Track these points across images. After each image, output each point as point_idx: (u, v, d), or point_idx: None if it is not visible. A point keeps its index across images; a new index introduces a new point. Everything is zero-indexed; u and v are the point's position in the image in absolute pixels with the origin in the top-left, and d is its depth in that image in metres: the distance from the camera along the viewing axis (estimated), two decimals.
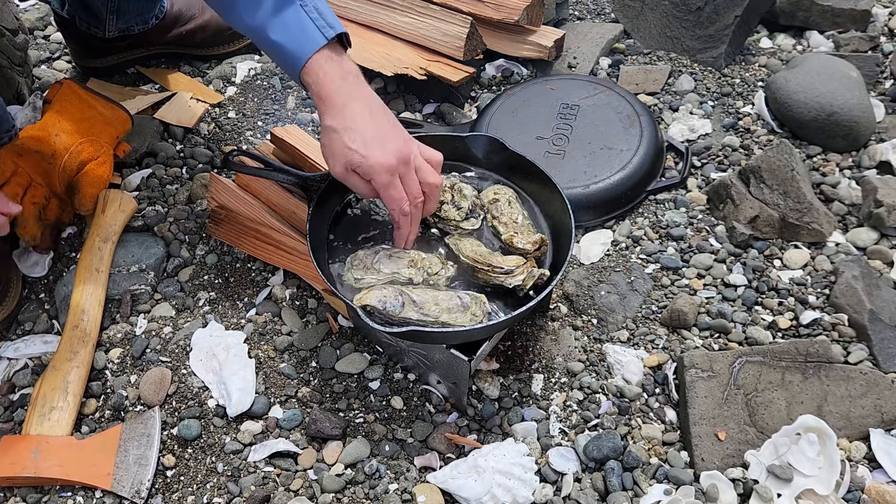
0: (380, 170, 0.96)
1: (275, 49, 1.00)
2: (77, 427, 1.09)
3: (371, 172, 0.96)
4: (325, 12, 0.99)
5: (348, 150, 0.96)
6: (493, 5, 1.57)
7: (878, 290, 1.17)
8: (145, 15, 1.55)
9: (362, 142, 0.96)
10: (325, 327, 1.19)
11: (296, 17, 0.98)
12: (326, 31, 0.98)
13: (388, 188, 0.97)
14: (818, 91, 1.40)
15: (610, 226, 1.34)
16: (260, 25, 1.00)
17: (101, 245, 1.25)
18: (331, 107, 0.98)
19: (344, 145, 0.97)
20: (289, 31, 0.98)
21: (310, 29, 0.98)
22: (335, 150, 0.98)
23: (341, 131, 0.97)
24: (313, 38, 0.97)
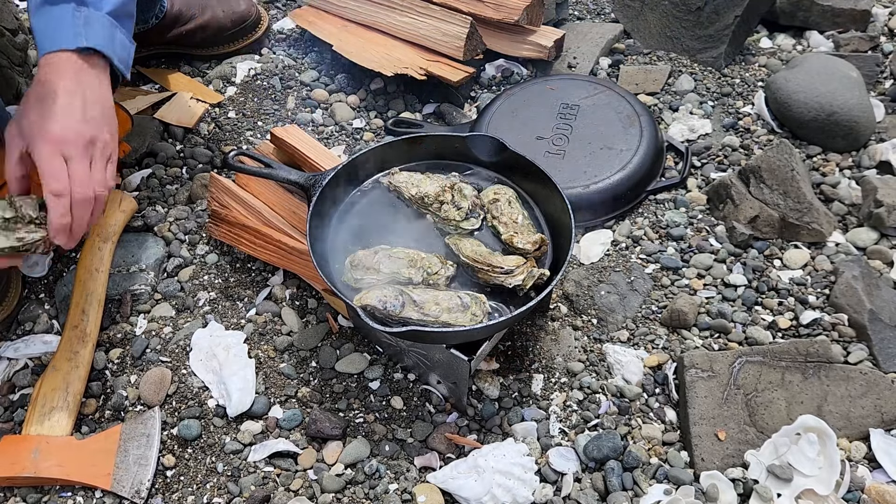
0: (44, 140, 0.93)
1: (33, 29, 1.01)
2: (77, 427, 1.09)
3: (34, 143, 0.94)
4: (96, 27, 0.99)
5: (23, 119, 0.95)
6: (493, 5, 1.57)
7: (878, 290, 1.17)
8: (145, 14, 1.55)
9: (47, 113, 0.94)
10: (325, 327, 1.19)
11: (61, 13, 0.98)
12: (79, 41, 0.98)
13: (43, 162, 0.94)
14: (818, 91, 1.40)
15: (610, 226, 1.34)
16: (33, 5, 1.00)
17: (101, 245, 1.25)
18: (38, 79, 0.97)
19: (22, 114, 0.95)
20: (48, 22, 0.98)
21: (65, 30, 0.98)
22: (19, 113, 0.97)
23: (33, 100, 0.95)
24: (60, 39, 0.97)
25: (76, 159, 0.96)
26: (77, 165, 0.96)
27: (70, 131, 0.95)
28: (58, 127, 0.94)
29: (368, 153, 1.17)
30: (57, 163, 0.94)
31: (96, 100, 0.99)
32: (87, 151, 0.97)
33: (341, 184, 1.14)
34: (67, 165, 0.95)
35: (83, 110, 0.97)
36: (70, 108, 0.96)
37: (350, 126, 1.52)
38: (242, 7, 1.64)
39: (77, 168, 0.96)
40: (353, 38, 1.61)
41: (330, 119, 1.54)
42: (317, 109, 1.56)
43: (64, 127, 0.94)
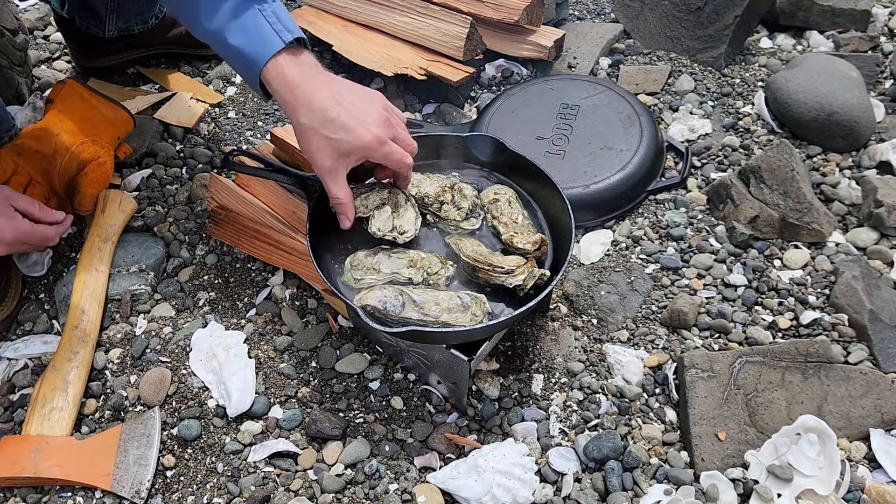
0: (374, 145, 0.97)
1: (234, 53, 1.00)
2: (77, 427, 1.09)
3: (366, 152, 0.97)
4: (283, 17, 0.99)
5: (332, 140, 0.96)
6: (493, 5, 1.57)
7: (878, 290, 1.17)
8: (145, 14, 1.55)
9: (343, 129, 0.96)
10: (325, 327, 1.19)
11: (254, 21, 0.98)
12: (284, 35, 0.98)
13: (390, 155, 0.99)
14: (818, 91, 1.40)
15: (610, 226, 1.34)
16: (218, 29, 0.99)
17: (101, 245, 1.25)
18: (296, 103, 0.97)
19: (326, 138, 0.96)
20: (248, 35, 0.98)
21: (267, 33, 0.97)
22: (319, 146, 0.98)
23: (318, 126, 0.96)
24: (271, 42, 0.97)
25: (394, 133, 1.00)
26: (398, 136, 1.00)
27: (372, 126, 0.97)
28: (367, 132, 0.96)
29: None
30: (395, 149, 0.99)
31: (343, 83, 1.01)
32: (391, 117, 1.00)
33: None
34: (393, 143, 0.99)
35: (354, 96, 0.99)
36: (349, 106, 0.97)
37: None
38: None
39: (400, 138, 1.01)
40: (353, 38, 1.61)
41: None
42: None
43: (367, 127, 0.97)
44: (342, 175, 1.00)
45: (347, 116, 0.96)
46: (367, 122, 0.96)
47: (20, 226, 1.09)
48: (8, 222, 1.07)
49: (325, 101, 0.96)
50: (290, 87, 0.97)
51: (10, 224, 1.08)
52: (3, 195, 1.09)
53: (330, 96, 0.97)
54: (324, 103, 0.96)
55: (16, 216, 1.09)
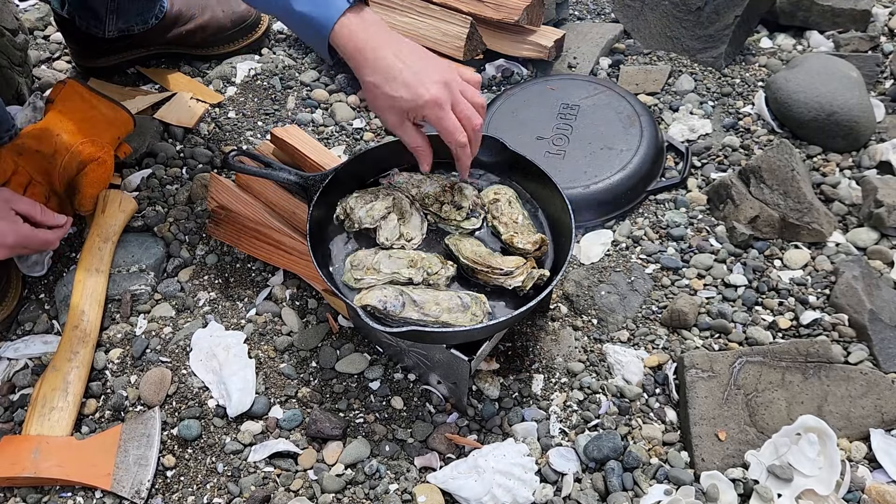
0: (430, 105, 0.97)
1: (301, 20, 1.02)
2: (77, 427, 1.09)
3: (423, 110, 0.98)
4: None
5: (394, 98, 0.99)
6: (493, 5, 1.57)
7: (879, 291, 1.17)
8: (145, 15, 1.55)
9: (404, 85, 0.98)
10: (325, 327, 1.19)
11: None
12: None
13: (443, 121, 0.99)
14: (818, 91, 1.40)
15: (610, 226, 1.34)
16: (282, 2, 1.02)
17: (101, 245, 1.25)
18: (363, 62, 0.99)
19: (388, 96, 0.99)
20: (313, 1, 1.00)
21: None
22: (383, 104, 1.01)
23: (381, 83, 0.99)
24: (335, 4, 0.99)
25: (455, 99, 1.00)
26: (459, 105, 1.00)
27: (431, 85, 0.97)
28: (425, 91, 0.97)
29: (369, 153, 1.17)
30: (450, 117, 0.99)
31: (408, 42, 1.02)
32: (454, 82, 1.00)
33: (341, 184, 1.14)
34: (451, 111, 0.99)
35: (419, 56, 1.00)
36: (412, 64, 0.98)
37: (350, 126, 1.52)
38: (242, 7, 1.64)
39: (461, 107, 1.00)
40: None
41: (330, 119, 1.54)
42: (317, 109, 1.56)
43: (426, 86, 0.97)
44: (410, 127, 1.03)
45: (408, 73, 0.98)
46: (426, 81, 0.98)
47: (21, 229, 1.09)
48: (9, 226, 1.07)
49: (389, 58, 0.98)
50: (357, 46, 0.99)
51: (10, 228, 1.07)
52: (4, 198, 1.09)
53: (394, 55, 0.99)
54: (388, 61, 0.98)
55: (16, 220, 1.09)
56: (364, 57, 0.99)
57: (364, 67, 1.00)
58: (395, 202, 1.10)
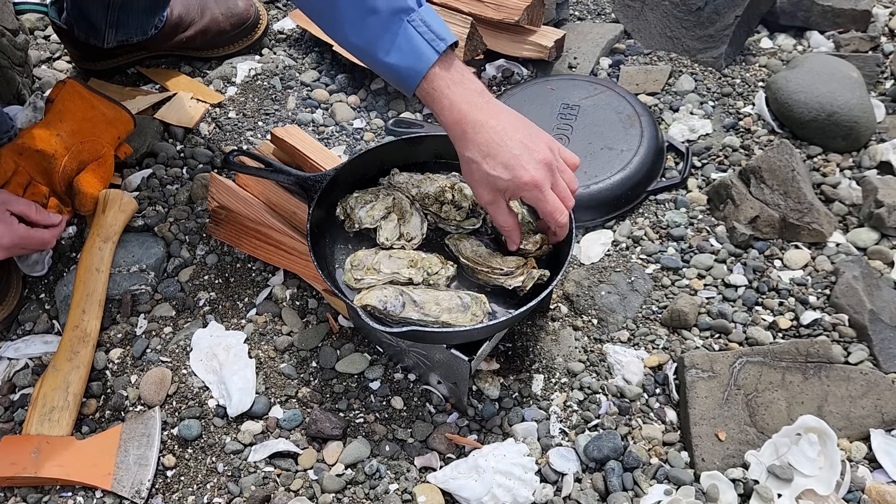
0: (530, 187, 0.94)
1: (386, 69, 0.97)
2: (77, 427, 1.09)
3: (521, 192, 0.95)
4: (433, 22, 0.95)
5: (492, 177, 0.94)
6: (493, 5, 1.57)
7: (879, 291, 1.17)
8: (145, 26, 1.54)
9: (504, 166, 0.93)
10: (325, 327, 1.19)
11: (405, 36, 0.94)
12: (437, 45, 0.94)
13: (542, 202, 0.95)
14: (818, 91, 1.40)
15: (610, 226, 1.34)
16: (367, 45, 0.97)
17: (102, 245, 1.25)
18: (462, 136, 0.95)
19: (486, 174, 0.94)
20: (400, 51, 0.94)
21: (420, 46, 0.94)
22: (479, 179, 0.96)
23: (480, 160, 0.94)
24: (425, 56, 0.94)
25: (554, 179, 0.97)
26: (557, 185, 0.97)
27: (531, 167, 0.93)
28: (525, 173, 0.93)
29: (369, 153, 1.17)
30: (551, 198, 0.96)
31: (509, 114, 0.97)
32: (554, 162, 0.96)
33: (341, 184, 1.14)
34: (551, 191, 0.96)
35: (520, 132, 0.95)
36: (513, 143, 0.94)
37: (350, 126, 1.52)
38: (241, 7, 1.63)
39: (559, 187, 0.97)
40: None
41: (330, 119, 1.54)
42: (317, 109, 1.56)
43: (526, 167, 0.93)
44: (503, 205, 0.98)
45: (509, 153, 0.93)
46: (527, 162, 0.93)
47: (17, 230, 1.09)
48: (5, 227, 1.08)
49: (489, 134, 0.94)
50: (454, 116, 0.94)
51: (6, 229, 1.08)
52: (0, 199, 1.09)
53: (495, 130, 0.94)
54: (488, 137, 0.94)
55: (12, 221, 1.09)
56: (463, 131, 0.94)
57: (462, 141, 0.95)
58: (396, 202, 1.10)
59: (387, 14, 0.94)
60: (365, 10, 0.94)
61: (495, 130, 0.94)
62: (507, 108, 0.98)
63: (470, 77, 0.98)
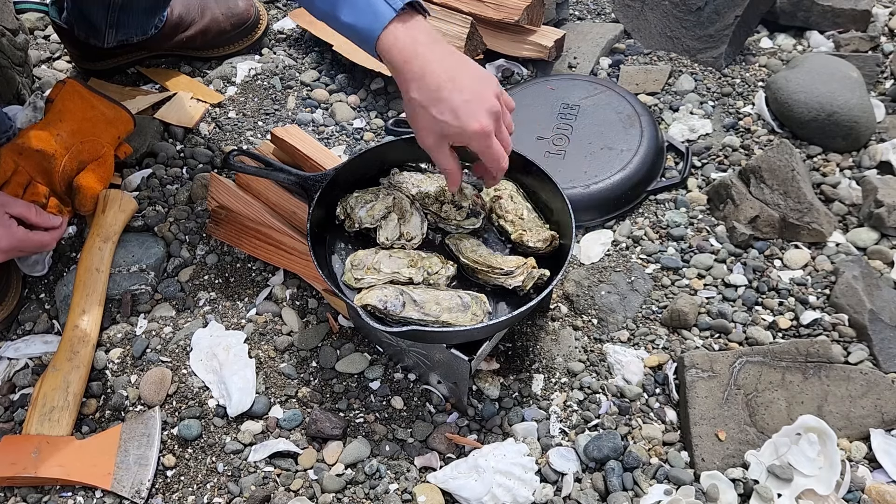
0: (478, 136, 0.94)
1: (348, 30, 0.99)
2: (77, 427, 1.09)
3: (468, 140, 0.95)
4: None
5: (439, 121, 0.94)
6: (493, 5, 1.57)
7: (879, 291, 1.17)
8: (145, 26, 1.54)
9: (452, 112, 0.93)
10: (325, 327, 1.19)
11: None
12: (394, 3, 0.95)
13: (487, 149, 0.96)
14: (818, 91, 1.40)
15: (610, 226, 1.34)
16: (330, 9, 0.99)
17: (102, 245, 1.25)
18: (410, 78, 0.95)
19: (433, 118, 0.94)
20: (357, 9, 0.96)
21: (377, 3, 0.95)
22: (425, 124, 0.96)
23: (427, 104, 0.94)
24: (382, 14, 0.95)
25: (498, 127, 0.97)
26: (500, 132, 0.97)
27: (481, 115, 0.93)
28: (474, 121, 0.93)
29: (369, 153, 1.17)
30: (496, 145, 0.96)
31: (459, 59, 0.98)
32: (497, 115, 0.96)
33: (341, 184, 1.14)
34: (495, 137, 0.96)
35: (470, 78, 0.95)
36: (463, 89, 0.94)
37: (350, 126, 1.52)
38: (241, 7, 1.63)
39: (502, 134, 0.98)
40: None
41: (330, 119, 1.54)
42: (317, 109, 1.56)
43: (475, 116, 0.93)
44: (446, 149, 0.99)
45: (458, 99, 0.93)
46: (477, 110, 0.93)
47: (16, 233, 1.09)
48: (3, 230, 1.07)
49: (438, 77, 0.94)
50: (404, 58, 0.95)
51: (5, 232, 1.07)
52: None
53: (444, 73, 0.94)
54: (437, 81, 0.94)
55: (11, 223, 1.09)
56: (411, 70, 0.94)
57: (410, 82, 0.95)
58: (396, 202, 1.10)
59: None
60: None
61: (446, 73, 0.94)
62: (456, 51, 0.99)
63: (429, 29, 0.98)
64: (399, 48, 0.95)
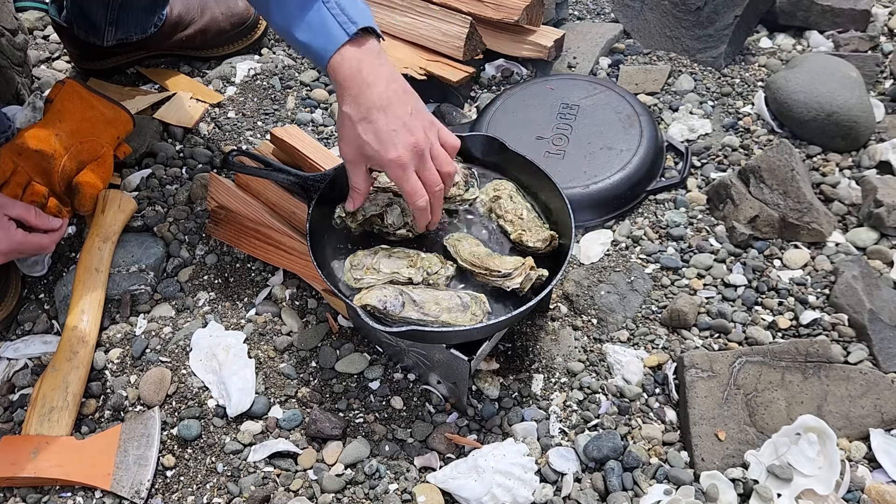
0: (393, 165, 0.95)
1: (302, 48, 1.01)
2: (77, 427, 1.09)
3: (384, 166, 0.97)
4: (348, 6, 0.98)
5: (361, 140, 0.96)
6: (492, 5, 1.57)
7: (878, 290, 1.17)
8: (144, 25, 1.54)
9: (375, 135, 0.95)
10: (325, 327, 1.19)
11: (318, 15, 0.98)
12: (348, 28, 0.97)
13: (403, 182, 0.97)
14: (818, 91, 1.40)
15: (610, 226, 1.34)
16: (286, 25, 1.01)
17: (101, 245, 1.25)
18: (347, 93, 0.97)
19: (357, 135, 0.96)
20: (312, 30, 0.98)
21: (331, 26, 0.97)
22: (348, 137, 0.98)
23: (356, 121, 0.96)
24: (335, 36, 0.97)
25: (421, 164, 0.97)
26: (425, 170, 0.98)
27: (401, 146, 0.95)
28: (392, 150, 0.95)
29: None
30: (412, 180, 0.97)
31: (399, 89, 0.99)
32: (426, 148, 0.97)
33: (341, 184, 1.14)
34: (417, 174, 0.97)
35: (402, 110, 0.97)
36: (391, 117, 0.96)
37: None
38: (241, 6, 1.63)
39: (426, 172, 0.98)
40: None
41: (330, 119, 1.54)
42: (317, 109, 1.56)
43: (395, 144, 0.95)
44: (362, 168, 1.01)
45: (384, 125, 0.95)
46: (398, 140, 0.95)
47: (14, 236, 1.08)
48: (2, 233, 1.07)
49: (372, 99, 0.96)
50: (346, 75, 0.96)
51: (4, 234, 1.07)
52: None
53: (379, 98, 0.96)
54: (370, 102, 0.96)
55: (10, 226, 1.08)
56: (350, 87, 0.96)
57: (346, 97, 0.97)
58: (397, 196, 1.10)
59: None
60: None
61: (381, 98, 0.96)
62: (401, 78, 1.00)
63: (379, 52, 1.00)
64: (345, 67, 0.97)
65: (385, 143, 0.95)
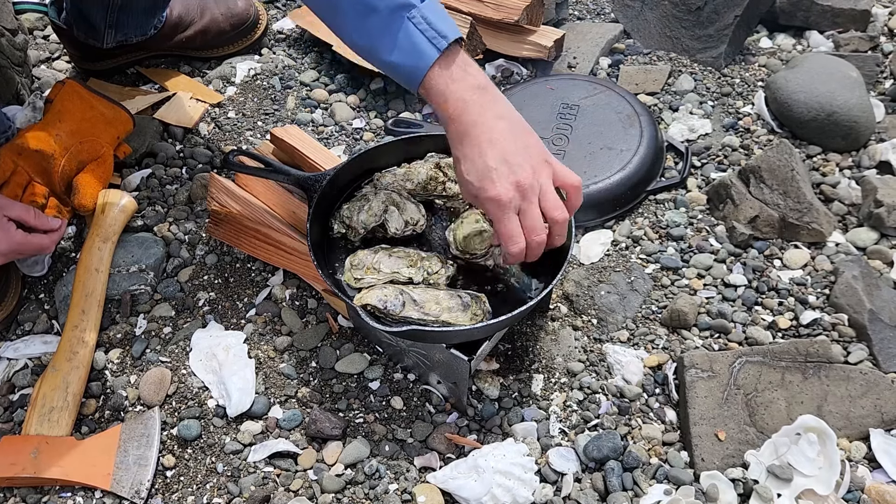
0: (491, 205, 0.90)
1: (390, 69, 0.96)
2: (77, 427, 1.09)
3: (483, 205, 0.93)
4: (435, 20, 0.92)
5: (465, 181, 0.93)
6: (492, 5, 1.57)
7: (878, 290, 1.17)
8: (144, 27, 1.54)
9: (476, 174, 0.91)
10: (325, 327, 1.19)
11: (405, 34, 0.92)
12: (438, 43, 0.91)
13: (498, 223, 0.92)
14: (818, 91, 1.40)
15: (610, 226, 1.34)
16: (371, 46, 0.96)
17: (101, 245, 1.25)
18: (454, 133, 0.93)
19: (462, 176, 0.93)
20: (401, 50, 0.92)
21: (421, 43, 0.91)
22: (459, 179, 0.95)
23: (460, 160, 0.93)
24: (426, 54, 0.91)
25: (525, 205, 0.91)
26: (527, 213, 0.91)
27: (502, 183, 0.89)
28: (492, 188, 0.90)
29: (368, 153, 1.17)
30: (511, 223, 0.91)
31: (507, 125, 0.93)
32: (531, 187, 0.91)
33: (341, 185, 1.14)
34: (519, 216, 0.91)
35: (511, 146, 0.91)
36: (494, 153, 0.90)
37: (350, 126, 1.52)
38: (241, 7, 1.63)
39: (528, 216, 0.91)
40: None
41: (330, 119, 1.54)
42: (317, 109, 1.56)
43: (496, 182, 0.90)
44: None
45: (484, 165, 0.90)
46: (499, 178, 0.89)
47: (14, 237, 1.08)
48: (2, 233, 1.06)
49: (476, 138, 0.91)
50: (449, 113, 0.92)
51: (4, 235, 1.06)
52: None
53: (483, 136, 0.91)
54: (474, 140, 0.91)
55: (10, 226, 1.08)
56: (456, 130, 0.92)
57: (453, 139, 0.93)
58: (388, 195, 1.10)
59: (386, 12, 0.93)
60: (365, 9, 0.93)
61: (484, 136, 0.91)
62: (509, 110, 0.95)
63: (474, 72, 0.94)
64: (448, 98, 0.92)
65: (485, 181, 0.90)
